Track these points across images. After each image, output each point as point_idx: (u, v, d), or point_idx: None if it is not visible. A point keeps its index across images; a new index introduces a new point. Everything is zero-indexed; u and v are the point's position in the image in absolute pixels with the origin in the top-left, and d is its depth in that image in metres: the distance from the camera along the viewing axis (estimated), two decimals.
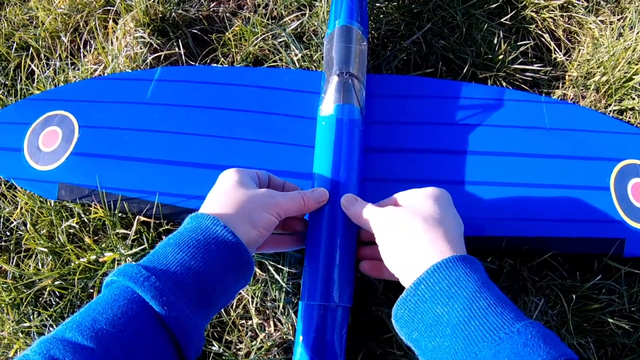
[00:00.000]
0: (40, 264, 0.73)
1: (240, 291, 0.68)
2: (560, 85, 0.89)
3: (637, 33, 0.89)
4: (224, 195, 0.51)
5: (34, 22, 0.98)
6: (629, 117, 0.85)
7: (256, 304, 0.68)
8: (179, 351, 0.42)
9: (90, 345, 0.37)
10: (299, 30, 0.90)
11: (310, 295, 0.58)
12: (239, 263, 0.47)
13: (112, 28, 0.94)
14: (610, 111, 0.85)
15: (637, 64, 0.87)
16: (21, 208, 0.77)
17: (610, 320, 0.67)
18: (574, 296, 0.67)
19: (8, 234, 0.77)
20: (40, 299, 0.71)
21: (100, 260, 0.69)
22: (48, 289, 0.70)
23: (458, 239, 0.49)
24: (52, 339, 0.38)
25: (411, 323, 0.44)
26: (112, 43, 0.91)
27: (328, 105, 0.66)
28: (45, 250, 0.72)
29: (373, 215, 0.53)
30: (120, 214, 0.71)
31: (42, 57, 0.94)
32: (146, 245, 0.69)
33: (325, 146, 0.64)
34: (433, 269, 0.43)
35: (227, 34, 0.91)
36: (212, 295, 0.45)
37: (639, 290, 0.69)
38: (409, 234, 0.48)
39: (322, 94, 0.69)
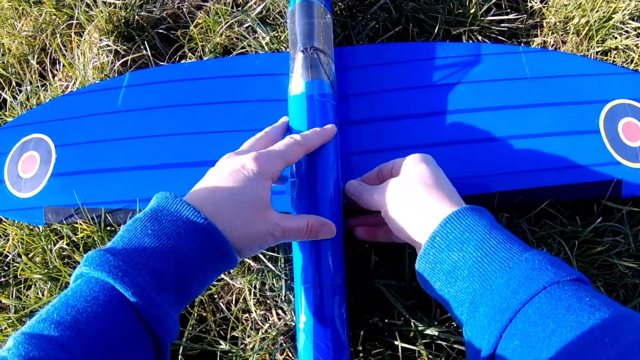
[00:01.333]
0: (40, 293, 0.73)
1: (238, 285, 0.68)
2: (539, 33, 0.88)
3: None
4: (243, 206, 0.49)
5: (1, 50, 0.97)
6: (614, 57, 0.84)
7: (256, 296, 0.67)
8: (156, 344, 0.42)
9: (71, 344, 0.36)
10: (263, 13, 0.89)
11: (303, 278, 0.57)
12: (219, 255, 0.46)
13: (77, 42, 0.93)
14: (593, 53, 0.84)
15: (615, 2, 0.85)
16: (12, 239, 0.76)
17: (617, 261, 0.66)
18: (576, 242, 0.66)
19: (6, 268, 0.77)
20: None
21: None
22: None
23: (456, 195, 0.52)
24: (28, 336, 0.36)
25: (433, 274, 0.47)
26: (78, 57, 0.90)
27: (297, 83, 0.65)
28: (42, 277, 0.72)
29: (375, 194, 0.55)
30: (109, 227, 0.71)
31: (13, 84, 0.93)
32: None
33: (299, 125, 0.63)
34: (445, 221, 0.46)
35: (191, 28, 0.90)
36: (191, 289, 0.45)
37: None
38: (414, 201, 0.50)
39: (290, 73, 0.68)
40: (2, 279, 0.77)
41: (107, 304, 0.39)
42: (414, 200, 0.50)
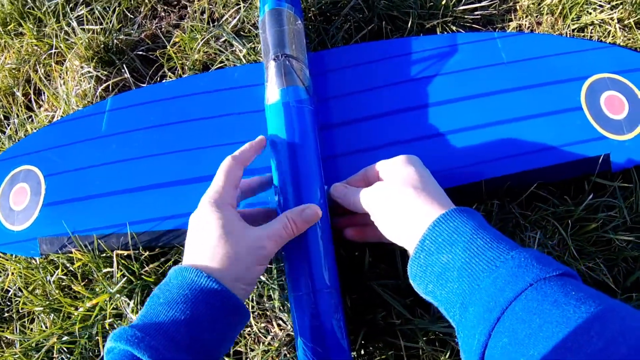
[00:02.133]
0: (43, 325, 0.72)
1: None
2: (514, 17, 0.88)
3: None
4: (209, 245, 0.50)
5: None
6: (590, 33, 0.84)
7: (254, 309, 0.67)
8: None
9: None
10: (238, 26, 0.89)
11: (296, 286, 0.57)
12: (229, 310, 0.48)
13: (58, 71, 0.93)
14: (569, 31, 0.84)
15: None
16: (12, 274, 0.76)
17: (613, 236, 0.65)
18: (570, 221, 0.66)
19: (8, 303, 0.77)
20: (53, 359, 0.70)
21: (89, 304, 0.68)
22: (56, 347, 0.70)
23: (444, 196, 0.52)
24: None
25: (424, 277, 0.47)
26: (61, 86, 0.90)
27: (272, 91, 0.65)
28: (44, 309, 0.72)
29: (365, 199, 0.55)
30: (104, 254, 0.70)
31: (1, 118, 0.94)
32: (131, 278, 0.68)
33: (278, 133, 0.62)
34: (434, 224, 0.47)
35: (169, 47, 0.89)
36: (208, 347, 0.47)
37: (637, 200, 0.68)
38: (404, 203, 0.50)
39: (265, 82, 0.67)
40: (6, 314, 0.77)
41: None
42: (403, 203, 0.50)
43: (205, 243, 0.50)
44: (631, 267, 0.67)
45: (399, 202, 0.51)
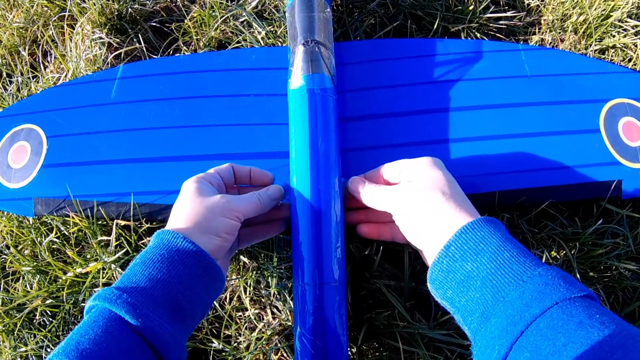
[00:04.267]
0: (28, 286, 0.71)
1: (233, 282, 0.66)
2: (537, 30, 0.87)
3: None
4: (183, 208, 0.53)
5: None
6: (611, 56, 0.84)
7: (250, 294, 0.66)
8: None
9: None
10: (259, 7, 0.88)
11: (302, 276, 0.56)
12: (203, 270, 0.50)
13: (69, 33, 0.91)
14: (591, 51, 0.83)
15: (614, 0, 0.84)
16: (1, 231, 0.74)
17: (617, 264, 0.65)
18: (577, 244, 0.65)
19: None
20: (34, 320, 0.69)
21: (84, 271, 0.66)
22: (39, 309, 0.69)
23: (470, 204, 0.52)
24: None
25: (445, 282, 0.47)
26: (70, 49, 0.87)
27: (297, 77, 0.64)
28: (31, 270, 0.70)
29: (389, 198, 0.54)
30: (100, 221, 0.69)
31: (4, 75, 0.91)
32: (128, 249, 0.67)
33: (299, 120, 0.61)
34: (461, 231, 0.47)
35: (186, 21, 0.88)
36: (183, 304, 0.48)
37: None
38: (431, 207, 0.50)
39: (290, 67, 0.66)
40: None
41: (106, 324, 0.43)
42: (430, 207, 0.50)
43: (181, 208, 0.53)
44: (628, 296, 0.67)
45: (426, 206, 0.50)
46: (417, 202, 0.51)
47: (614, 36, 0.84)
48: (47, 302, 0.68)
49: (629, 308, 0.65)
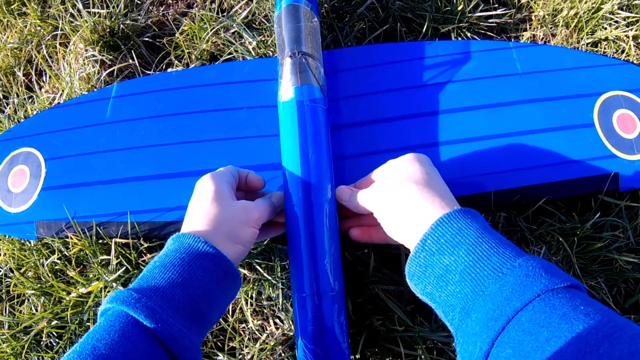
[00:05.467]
0: (33, 308, 0.72)
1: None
2: (528, 27, 0.88)
3: None
4: (203, 210, 0.52)
5: None
6: (604, 48, 0.84)
7: (252, 306, 0.66)
8: None
9: None
10: (249, 18, 0.88)
11: (300, 287, 0.57)
12: (223, 275, 0.49)
13: (62, 52, 0.92)
14: (583, 45, 0.83)
15: None
16: (4, 254, 0.75)
17: (617, 256, 0.65)
18: (576, 239, 0.65)
19: None
20: (41, 342, 0.70)
21: (86, 291, 0.67)
22: (45, 330, 0.69)
23: (450, 195, 0.51)
24: None
25: (423, 277, 0.46)
26: (64, 68, 0.88)
27: (286, 89, 0.64)
28: (35, 292, 0.71)
29: (368, 197, 0.54)
30: (101, 240, 0.69)
31: (0, 97, 0.92)
32: (128, 266, 0.68)
33: (290, 132, 0.62)
34: (436, 224, 0.46)
35: (177, 35, 0.88)
36: (202, 309, 0.47)
37: None
38: (407, 200, 0.49)
39: (279, 78, 0.67)
40: None
41: (123, 329, 0.43)
42: (404, 199, 0.49)
43: (200, 207, 0.53)
44: (631, 288, 0.67)
45: (401, 198, 0.50)
46: (391, 196, 0.51)
47: (605, 28, 0.84)
48: (53, 323, 0.69)
49: (632, 300, 0.66)
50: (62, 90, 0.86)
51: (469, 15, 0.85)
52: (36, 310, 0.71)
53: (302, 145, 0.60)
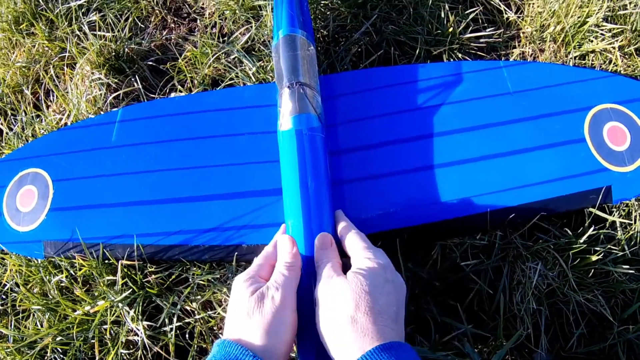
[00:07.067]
0: (38, 323, 0.70)
1: None
2: (517, 44, 0.86)
3: None
4: (247, 319, 0.48)
5: None
6: (592, 60, 0.82)
7: None
8: None
9: None
10: (249, 43, 0.87)
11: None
12: None
13: (69, 74, 0.89)
14: (572, 58, 0.82)
15: (588, 6, 0.82)
16: (10, 270, 0.73)
17: (612, 268, 0.63)
18: (571, 253, 0.63)
19: (4, 297, 0.74)
20: (45, 357, 0.68)
21: (92, 310, 0.65)
22: (50, 346, 0.67)
23: (393, 318, 0.46)
24: None
25: None
26: (71, 89, 0.86)
27: (285, 118, 0.63)
28: (41, 308, 0.69)
29: (320, 286, 0.50)
30: (107, 261, 0.67)
31: (9, 114, 0.91)
32: (134, 287, 0.66)
33: (289, 161, 0.60)
34: None
35: (179, 60, 0.86)
36: None
37: (636, 234, 0.66)
38: (341, 322, 0.45)
39: (279, 107, 0.65)
40: (1, 307, 0.74)
41: None
42: (337, 329, 0.46)
43: (244, 318, 0.48)
44: (629, 299, 0.65)
45: (335, 326, 0.46)
46: (329, 321, 0.47)
47: (592, 41, 0.83)
48: (58, 339, 0.67)
49: (630, 310, 0.64)
50: (70, 112, 0.84)
51: (460, 36, 0.83)
52: (41, 326, 0.69)
53: (302, 174, 0.59)
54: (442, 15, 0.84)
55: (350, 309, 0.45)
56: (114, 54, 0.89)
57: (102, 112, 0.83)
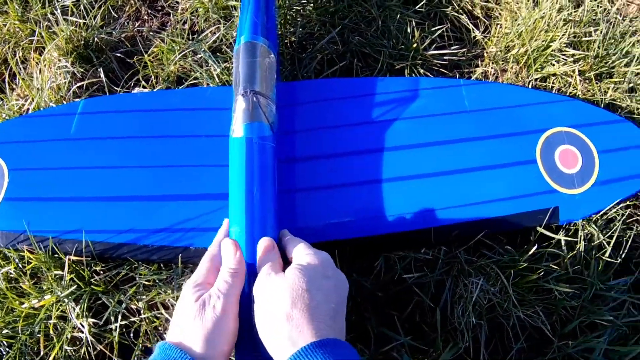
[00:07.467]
0: None
1: None
2: (480, 63, 0.86)
3: (551, 1, 0.86)
4: (188, 323, 0.47)
5: None
6: (552, 83, 0.83)
7: None
8: None
9: None
10: (217, 43, 0.86)
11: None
12: None
13: (36, 59, 0.87)
14: (532, 80, 0.83)
15: (553, 31, 0.84)
16: None
17: (554, 286, 0.64)
18: (512, 271, 0.64)
19: None
20: None
21: (38, 305, 0.63)
22: None
23: (331, 315, 0.46)
24: None
25: None
26: (36, 76, 0.84)
27: (237, 125, 0.62)
28: None
29: (263, 280, 0.49)
30: (56, 255, 0.66)
31: None
32: (80, 284, 0.65)
33: (238, 168, 0.60)
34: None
35: (146, 55, 0.85)
36: None
37: (579, 253, 0.67)
38: (277, 318, 0.45)
39: (233, 112, 0.65)
40: None
41: None
42: (272, 325, 0.46)
43: (186, 322, 0.47)
44: (570, 315, 0.66)
45: (271, 320, 0.46)
46: (265, 312, 0.47)
47: (553, 65, 0.84)
48: (4, 332, 0.65)
49: (570, 326, 0.65)
50: (32, 98, 0.82)
51: (424, 52, 0.84)
52: None
53: (248, 182, 0.58)
54: (409, 30, 0.85)
55: (286, 305, 0.45)
56: (83, 42, 0.87)
57: (64, 102, 0.81)
